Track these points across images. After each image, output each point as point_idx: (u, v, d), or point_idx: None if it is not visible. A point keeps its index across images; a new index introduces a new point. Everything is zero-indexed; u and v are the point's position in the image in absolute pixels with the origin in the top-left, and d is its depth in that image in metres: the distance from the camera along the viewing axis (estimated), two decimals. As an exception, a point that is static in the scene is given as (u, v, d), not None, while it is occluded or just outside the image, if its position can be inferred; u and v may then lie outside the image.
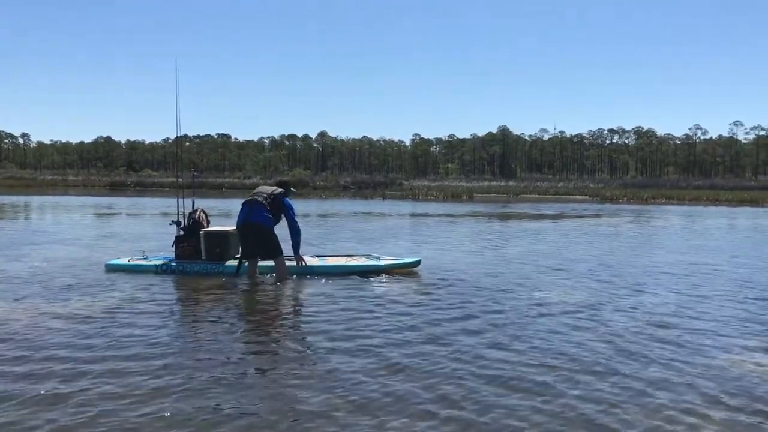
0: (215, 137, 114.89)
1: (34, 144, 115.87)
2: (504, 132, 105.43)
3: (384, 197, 40.36)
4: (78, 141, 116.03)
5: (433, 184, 54.73)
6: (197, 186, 13.13)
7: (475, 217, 21.45)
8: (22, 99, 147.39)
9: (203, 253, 7.87)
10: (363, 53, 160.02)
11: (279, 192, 7.35)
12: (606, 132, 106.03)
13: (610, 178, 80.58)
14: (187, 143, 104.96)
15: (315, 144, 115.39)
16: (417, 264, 8.29)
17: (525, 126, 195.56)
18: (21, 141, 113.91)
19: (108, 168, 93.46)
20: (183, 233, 8.01)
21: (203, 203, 9.63)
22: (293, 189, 7.88)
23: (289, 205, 7.31)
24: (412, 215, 22.98)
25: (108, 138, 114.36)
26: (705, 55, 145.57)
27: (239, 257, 7.49)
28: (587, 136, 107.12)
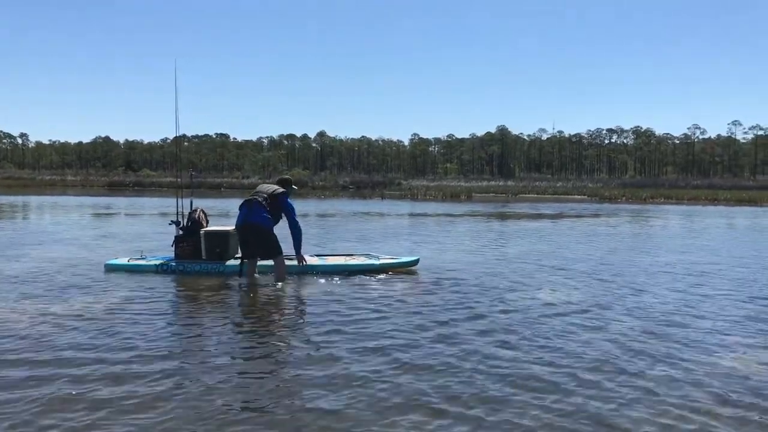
0: (214, 137, 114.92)
1: (32, 144, 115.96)
2: (503, 132, 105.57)
3: (383, 197, 40.32)
4: (76, 141, 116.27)
5: (432, 183, 54.71)
6: (196, 186, 13.11)
7: (474, 217, 21.42)
8: (21, 99, 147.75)
9: (203, 253, 7.83)
10: (362, 53, 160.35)
11: (280, 192, 7.28)
12: (605, 132, 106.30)
13: (608, 177, 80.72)
14: (186, 143, 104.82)
15: (314, 144, 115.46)
16: (415, 263, 8.31)
17: (524, 126, 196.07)
18: (19, 141, 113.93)
19: (106, 168, 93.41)
20: (182, 233, 7.97)
21: (202, 203, 9.59)
22: (295, 187, 7.80)
23: (290, 206, 7.26)
24: (411, 215, 22.95)
25: (106, 138, 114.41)
26: (703, 55, 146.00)
27: (240, 257, 7.45)
28: (586, 135, 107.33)
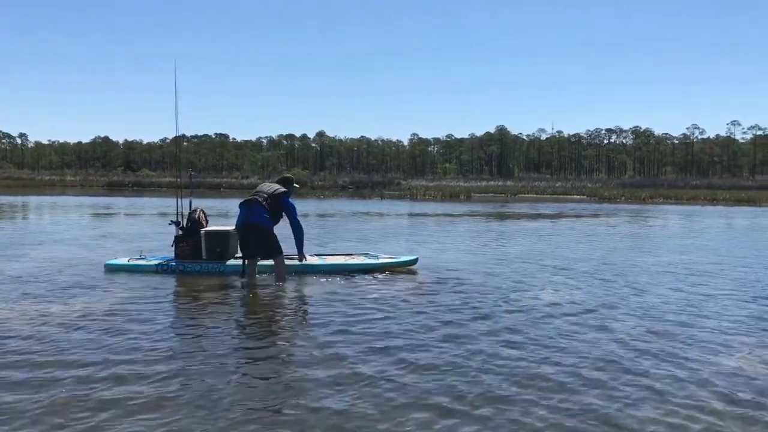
0: (213, 137, 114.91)
1: (31, 144, 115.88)
2: (502, 132, 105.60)
3: (382, 197, 40.32)
4: (76, 141, 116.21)
5: (431, 183, 54.74)
6: (195, 186, 13.08)
7: (474, 217, 21.42)
8: (21, 99, 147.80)
9: (204, 253, 7.82)
10: (362, 53, 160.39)
11: (281, 192, 7.22)
12: (604, 132, 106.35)
13: (607, 177, 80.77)
14: (185, 143, 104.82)
15: (313, 144, 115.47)
16: (414, 262, 8.35)
17: (523, 126, 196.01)
18: (19, 141, 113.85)
19: (106, 168, 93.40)
20: (182, 233, 7.95)
21: (201, 203, 9.56)
22: (296, 185, 7.75)
23: (292, 206, 7.20)
24: (410, 215, 22.95)
25: (106, 138, 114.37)
26: (702, 55, 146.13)
27: (241, 257, 7.41)
28: (585, 135, 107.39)
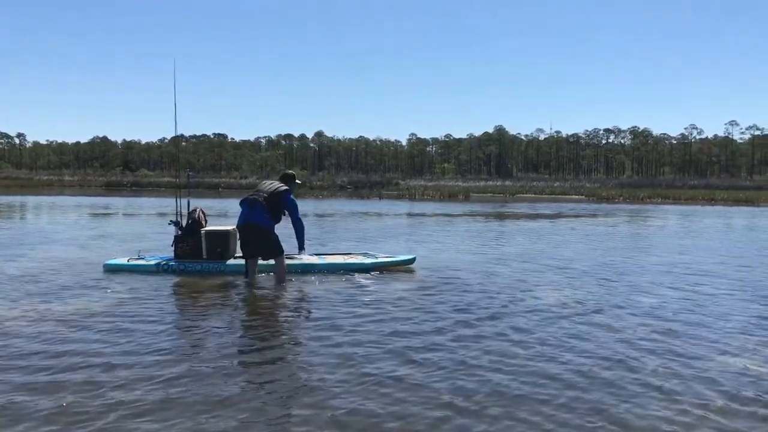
0: (211, 137, 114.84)
1: (30, 144, 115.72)
2: (500, 132, 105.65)
3: (381, 197, 40.29)
4: (74, 141, 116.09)
5: (430, 183, 54.73)
6: (193, 186, 13.05)
7: (473, 217, 21.43)
8: (21, 99, 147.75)
9: (204, 253, 7.83)
10: (361, 53, 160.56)
11: (282, 190, 7.17)
12: (602, 132, 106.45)
13: (606, 177, 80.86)
14: (184, 143, 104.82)
15: (312, 144, 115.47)
16: (412, 261, 8.45)
17: (521, 126, 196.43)
18: (17, 141, 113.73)
19: (104, 168, 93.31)
20: (182, 233, 7.96)
21: (200, 203, 9.57)
22: (298, 181, 7.66)
23: (293, 204, 7.16)
24: (409, 215, 22.95)
25: (104, 138, 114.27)
26: (701, 55, 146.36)
27: (244, 257, 7.36)
28: (583, 135, 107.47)
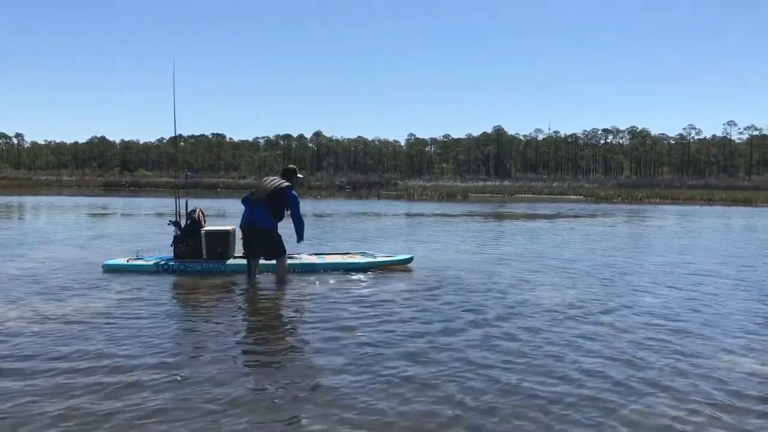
0: (210, 137, 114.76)
1: (28, 144, 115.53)
2: (499, 132, 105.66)
3: (379, 197, 40.27)
4: (72, 141, 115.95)
5: (428, 184, 54.75)
6: (191, 186, 13.08)
7: (472, 217, 21.46)
8: (21, 99, 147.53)
9: (204, 252, 7.87)
10: (360, 53, 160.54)
11: (284, 186, 7.14)
12: (600, 132, 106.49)
13: (604, 177, 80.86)
14: (182, 143, 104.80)
15: (310, 144, 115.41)
16: (409, 261, 8.58)
17: (520, 126, 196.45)
18: (15, 141, 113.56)
19: (102, 168, 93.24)
20: (181, 233, 7.98)
21: (198, 203, 9.59)
22: (300, 175, 7.61)
23: (295, 200, 7.13)
24: (408, 215, 22.97)
25: (102, 138, 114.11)
26: (699, 55, 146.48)
27: (246, 257, 7.37)
28: (582, 136, 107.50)
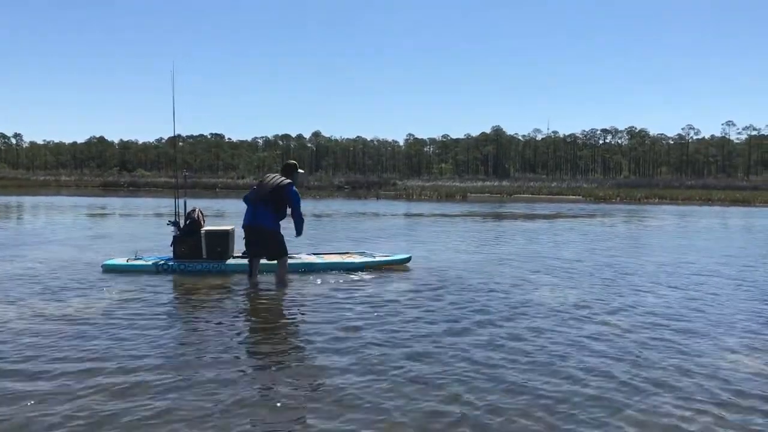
0: (209, 137, 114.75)
1: (26, 144, 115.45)
2: (497, 132, 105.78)
3: (378, 197, 40.27)
4: (71, 141, 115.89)
5: (427, 184, 54.83)
6: (190, 186, 13.08)
7: (471, 217, 21.47)
8: (21, 99, 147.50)
9: (204, 252, 7.88)
10: (360, 53, 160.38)
11: (285, 184, 7.12)
12: (599, 132, 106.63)
13: (603, 178, 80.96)
14: (181, 143, 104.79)
15: (309, 144, 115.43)
16: (407, 260, 8.65)
17: (518, 126, 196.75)
18: (14, 141, 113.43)
19: (101, 168, 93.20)
20: (181, 233, 7.98)
21: (197, 203, 9.60)
22: (301, 170, 7.55)
23: (296, 197, 7.11)
24: (407, 215, 22.97)
25: (101, 138, 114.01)
26: (698, 56, 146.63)
27: (247, 257, 7.35)
28: (580, 136, 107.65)
